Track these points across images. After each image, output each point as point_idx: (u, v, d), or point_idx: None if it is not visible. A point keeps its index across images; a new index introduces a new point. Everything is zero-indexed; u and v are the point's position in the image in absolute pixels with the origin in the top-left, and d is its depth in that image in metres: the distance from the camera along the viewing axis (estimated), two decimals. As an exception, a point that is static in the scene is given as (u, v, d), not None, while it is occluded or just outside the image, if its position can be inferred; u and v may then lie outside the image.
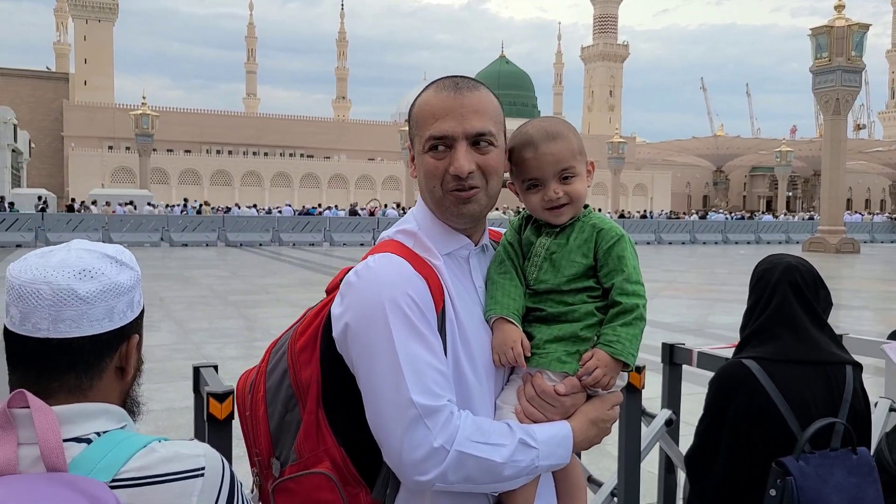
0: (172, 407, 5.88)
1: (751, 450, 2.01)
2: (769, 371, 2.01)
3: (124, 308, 1.07)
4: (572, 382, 1.34)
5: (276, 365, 1.40)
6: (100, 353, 1.05)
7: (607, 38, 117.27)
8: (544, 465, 1.29)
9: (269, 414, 1.38)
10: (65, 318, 1.01)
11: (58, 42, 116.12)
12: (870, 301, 14.29)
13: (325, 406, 1.32)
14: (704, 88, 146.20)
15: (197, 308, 11.70)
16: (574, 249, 1.41)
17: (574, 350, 1.36)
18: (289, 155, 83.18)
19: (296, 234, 30.43)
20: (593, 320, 1.37)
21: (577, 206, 1.45)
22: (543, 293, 1.40)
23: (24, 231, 26.10)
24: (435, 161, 1.34)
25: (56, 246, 1.09)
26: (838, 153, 29.48)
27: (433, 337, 1.27)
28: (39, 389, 1.01)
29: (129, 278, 1.09)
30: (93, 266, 1.05)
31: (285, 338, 1.42)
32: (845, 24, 28.66)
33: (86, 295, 1.02)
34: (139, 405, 1.16)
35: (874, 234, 40.43)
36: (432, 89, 1.37)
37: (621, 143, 54.97)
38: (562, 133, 1.44)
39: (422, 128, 1.35)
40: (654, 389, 3.33)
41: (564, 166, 1.42)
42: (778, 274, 2.11)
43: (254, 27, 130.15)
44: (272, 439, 1.37)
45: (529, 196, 1.45)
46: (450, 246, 1.39)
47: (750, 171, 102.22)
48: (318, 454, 1.30)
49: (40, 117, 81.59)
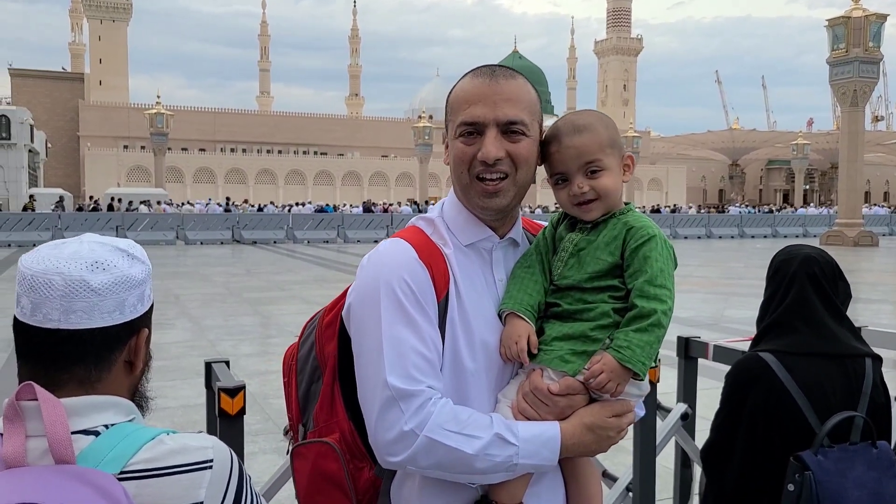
0: (188, 404, 5.91)
1: (768, 444, 1.98)
2: (786, 364, 1.97)
3: (135, 301, 1.07)
4: (567, 383, 1.29)
5: (307, 337, 1.48)
6: (109, 346, 1.05)
7: (621, 31, 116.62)
8: (525, 464, 1.25)
9: (299, 382, 1.46)
10: (76, 309, 1.01)
11: (73, 42, 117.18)
12: (889, 294, 14.13)
13: (340, 380, 1.38)
14: (719, 81, 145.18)
15: (212, 305, 11.76)
16: (602, 247, 1.36)
17: (581, 350, 1.31)
18: (302, 152, 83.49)
19: (310, 231, 30.54)
20: (607, 321, 1.32)
21: (607, 202, 1.39)
22: (565, 289, 1.37)
23: (41, 230, 26.37)
24: (464, 146, 1.34)
25: (68, 239, 1.09)
26: (856, 145, 29.15)
27: (425, 323, 1.27)
28: (49, 381, 1.01)
29: (141, 272, 1.09)
30: (105, 258, 1.05)
31: (320, 313, 1.49)
32: (862, 15, 28.31)
33: (98, 287, 1.02)
34: (148, 400, 1.16)
35: (892, 226, 39.95)
36: (469, 76, 1.38)
37: (636, 137, 54.77)
38: (589, 125, 1.39)
39: (455, 113, 1.36)
40: (669, 383, 3.30)
41: (589, 159, 1.37)
42: (796, 265, 2.06)
43: (267, 25, 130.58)
44: (300, 407, 1.45)
45: (558, 192, 1.42)
46: (473, 236, 1.39)
47: (766, 165, 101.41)
48: (330, 425, 1.37)
49: (56, 117, 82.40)
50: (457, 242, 1.37)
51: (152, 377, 1.21)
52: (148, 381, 1.17)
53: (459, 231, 1.38)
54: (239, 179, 74.24)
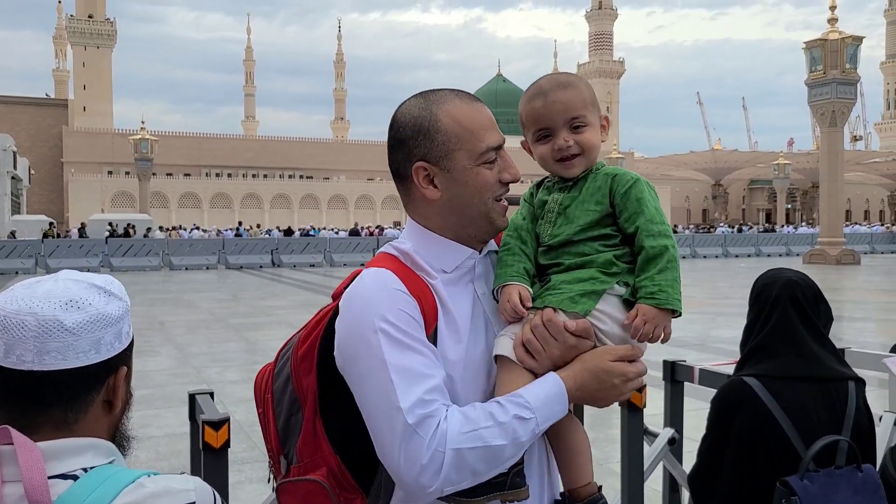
0: (173, 433, 5.83)
1: (755, 468, 1.98)
2: (771, 389, 1.99)
3: (112, 339, 1.05)
4: (584, 325, 1.27)
5: (281, 369, 1.43)
6: (87, 386, 1.03)
7: (603, 54, 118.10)
8: (545, 426, 1.25)
9: (277, 415, 1.41)
10: (50, 349, 0.99)
11: (57, 69, 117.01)
12: (871, 312, 14.25)
13: (322, 415, 1.33)
14: (701, 103, 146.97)
15: (197, 332, 11.66)
16: (588, 199, 1.36)
17: (590, 291, 1.29)
18: (288, 176, 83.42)
19: (296, 255, 30.43)
20: (613, 269, 1.31)
21: (589, 158, 1.40)
22: (559, 247, 1.36)
23: (24, 258, 26.08)
24: (490, 171, 1.34)
25: (43, 276, 1.07)
26: (836, 165, 29.55)
27: (426, 346, 1.25)
28: (25, 424, 0.99)
29: (118, 308, 1.06)
30: (80, 296, 1.02)
31: (292, 341, 1.44)
32: (839, 37, 28.86)
33: (72, 326, 1.00)
34: (129, 439, 1.13)
35: (874, 244, 40.41)
36: (460, 101, 1.36)
37: (620, 158, 55.16)
38: (573, 83, 1.41)
39: (468, 141, 1.33)
40: (656, 406, 3.30)
41: (575, 114, 1.38)
42: (778, 289, 2.08)
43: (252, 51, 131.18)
44: (280, 438, 1.41)
45: (540, 147, 1.42)
46: (455, 260, 1.37)
47: (748, 185, 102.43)
48: (315, 460, 1.33)
49: (40, 144, 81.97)
50: (440, 270, 1.35)
51: (136, 406, 1.18)
52: (128, 420, 1.14)
53: (438, 259, 1.36)
54: (224, 204, 73.98)
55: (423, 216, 1.38)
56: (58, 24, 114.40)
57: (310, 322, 1.41)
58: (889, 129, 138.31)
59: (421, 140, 1.33)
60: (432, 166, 1.34)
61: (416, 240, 1.37)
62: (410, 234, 1.40)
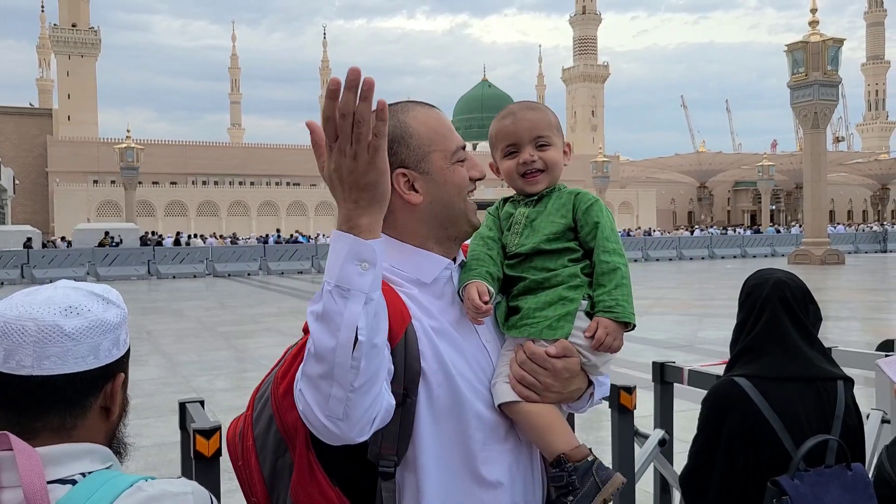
0: (162, 442, 5.80)
1: (746, 469, 2.00)
2: (761, 389, 2.00)
3: (110, 346, 1.06)
4: (563, 345, 1.34)
5: (261, 412, 1.37)
6: (84, 392, 1.04)
7: (587, 59, 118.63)
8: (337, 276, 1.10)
9: (261, 462, 1.35)
10: (49, 354, 1.00)
11: (41, 78, 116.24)
12: (857, 312, 14.38)
13: (315, 447, 1.27)
14: (685, 106, 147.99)
15: (185, 340, 11.60)
16: (553, 212, 1.45)
17: (564, 313, 1.36)
18: (275, 183, 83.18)
19: (283, 262, 30.34)
20: (576, 281, 1.39)
21: (552, 175, 1.50)
22: (525, 258, 1.42)
23: (8, 268, 25.84)
24: (463, 169, 1.41)
25: (43, 286, 1.09)
26: (819, 166, 29.84)
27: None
28: (23, 429, 1.00)
29: (116, 315, 1.08)
30: (79, 303, 1.04)
31: (267, 383, 1.38)
32: (820, 40, 29.17)
33: (71, 331, 1.02)
34: (126, 446, 1.14)
35: (858, 244, 40.78)
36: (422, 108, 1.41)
37: (605, 161, 55.49)
38: (540, 108, 1.54)
39: (439, 142, 1.38)
40: (646, 406, 3.32)
41: (541, 133, 1.49)
42: (767, 290, 2.10)
43: (237, 58, 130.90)
44: (267, 487, 1.35)
45: (506, 162, 1.51)
46: (434, 271, 1.38)
47: (733, 186, 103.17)
48: (313, 497, 1.27)
49: (24, 154, 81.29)
50: (417, 281, 1.35)
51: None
52: (125, 427, 1.15)
53: (416, 269, 1.36)
54: (211, 212, 73.63)
55: (401, 226, 1.38)
56: (41, 33, 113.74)
57: (286, 359, 1.34)
58: (870, 130, 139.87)
59: (396, 148, 1.34)
60: (411, 171, 1.36)
61: (391, 253, 1.33)
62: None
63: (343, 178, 1.12)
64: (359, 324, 1.08)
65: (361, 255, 1.10)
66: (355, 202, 1.12)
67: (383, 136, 1.11)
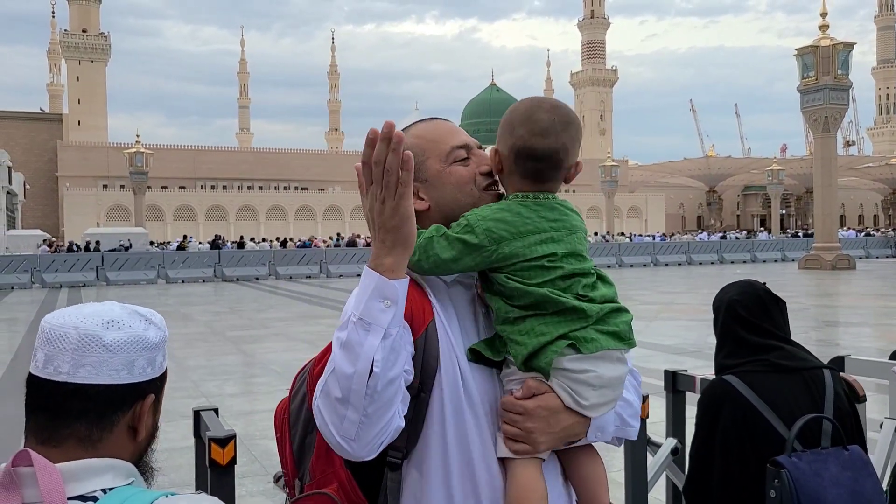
0: (172, 447, 5.81)
1: (743, 458, 2.05)
2: (748, 382, 2.07)
3: (145, 364, 1.08)
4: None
5: (298, 389, 1.46)
6: (113, 405, 1.05)
7: (596, 63, 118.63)
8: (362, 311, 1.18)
9: (293, 436, 1.44)
10: (85, 363, 1.03)
11: (51, 83, 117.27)
12: (868, 317, 14.29)
13: None
14: (694, 110, 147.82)
15: (195, 345, 11.63)
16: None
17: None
18: (283, 188, 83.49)
19: (292, 266, 30.39)
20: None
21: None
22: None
23: (19, 273, 25.96)
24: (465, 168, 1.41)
25: (93, 303, 1.13)
26: (829, 170, 29.70)
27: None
28: (51, 436, 1.02)
29: (156, 336, 1.11)
30: (122, 318, 1.08)
31: (309, 364, 1.47)
32: (830, 44, 29.07)
33: (110, 343, 1.04)
34: (153, 471, 1.15)
35: (869, 249, 40.52)
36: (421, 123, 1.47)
37: (614, 166, 55.32)
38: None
39: (433, 149, 1.41)
40: (657, 413, 3.31)
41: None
42: (723, 315, 2.22)
43: (246, 63, 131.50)
44: (295, 460, 1.43)
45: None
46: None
47: (742, 191, 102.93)
48: (327, 475, 1.35)
49: (34, 158, 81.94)
50: (439, 281, 1.38)
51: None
52: (153, 452, 1.16)
53: None
54: (220, 216, 73.93)
55: None
56: (52, 38, 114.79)
57: (328, 346, 1.41)
58: (881, 134, 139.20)
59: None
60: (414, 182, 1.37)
61: None
62: None
63: (374, 218, 1.21)
64: (375, 356, 1.16)
65: (385, 294, 1.18)
66: (382, 241, 1.21)
67: (408, 185, 1.19)
